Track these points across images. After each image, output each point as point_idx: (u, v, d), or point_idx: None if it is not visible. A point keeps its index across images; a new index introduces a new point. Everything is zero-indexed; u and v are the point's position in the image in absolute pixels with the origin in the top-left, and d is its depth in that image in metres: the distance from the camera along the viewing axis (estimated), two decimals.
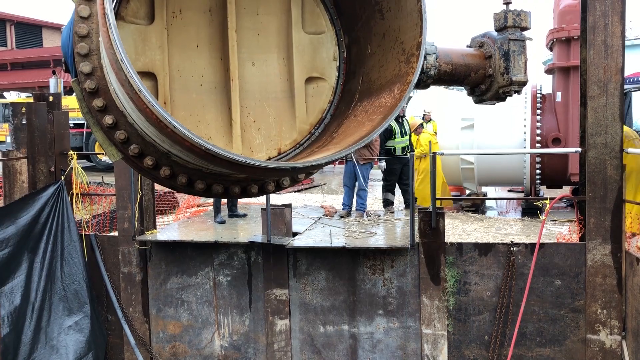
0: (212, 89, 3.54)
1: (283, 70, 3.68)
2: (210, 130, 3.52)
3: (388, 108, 3.19)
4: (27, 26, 41.31)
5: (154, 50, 3.38)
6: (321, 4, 3.75)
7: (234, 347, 8.61)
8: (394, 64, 3.35)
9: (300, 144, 3.70)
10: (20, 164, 9.38)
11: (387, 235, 8.81)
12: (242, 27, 3.56)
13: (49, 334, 8.18)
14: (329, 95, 3.78)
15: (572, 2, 11.79)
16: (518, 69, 3.82)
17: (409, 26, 3.22)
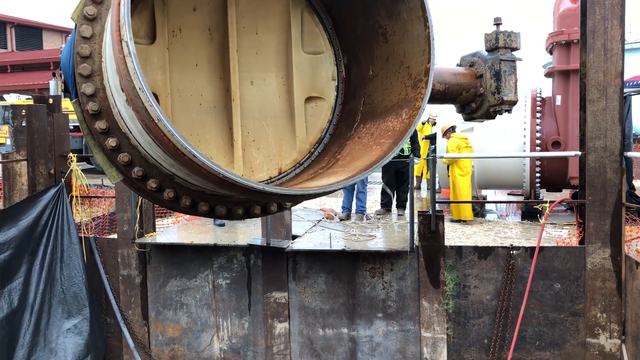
0: (211, 108, 3.53)
1: (282, 90, 3.68)
2: (210, 150, 3.51)
3: (397, 133, 3.19)
4: (27, 28, 41.37)
5: (155, 70, 3.37)
6: (320, 24, 3.75)
7: (233, 350, 8.60)
8: (400, 87, 3.35)
9: (300, 163, 3.70)
10: (20, 166, 9.38)
11: (386, 238, 8.80)
12: (241, 46, 3.55)
13: (47, 336, 8.17)
14: (327, 114, 3.79)
15: (571, 6, 11.81)
16: (509, 88, 3.91)
17: (415, 52, 3.22)
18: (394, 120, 3.32)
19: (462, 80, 3.95)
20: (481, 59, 4.01)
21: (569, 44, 11.75)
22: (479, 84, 3.96)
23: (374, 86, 3.60)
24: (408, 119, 3.20)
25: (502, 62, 3.89)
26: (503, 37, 3.95)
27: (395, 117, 3.33)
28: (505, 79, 3.89)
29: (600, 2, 7.23)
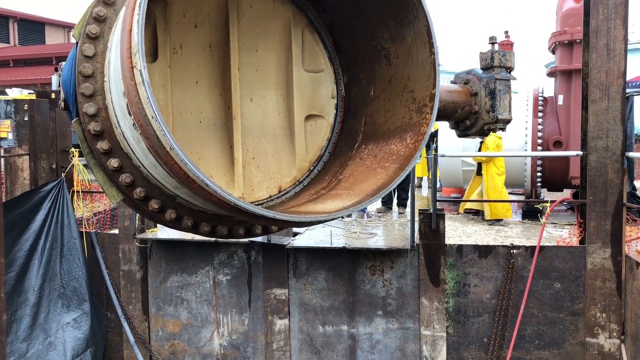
0: (211, 125, 3.51)
1: (282, 107, 3.68)
2: (210, 169, 3.50)
3: (403, 158, 3.19)
4: (30, 23, 41.35)
5: (157, 89, 3.33)
6: (320, 43, 3.74)
7: (233, 346, 8.62)
8: (403, 111, 3.34)
9: (300, 181, 3.70)
10: (22, 160, 9.40)
11: (387, 236, 8.81)
12: (241, 63, 3.53)
13: (47, 330, 8.19)
14: (327, 132, 3.79)
15: (575, 5, 11.79)
16: (503, 107, 3.95)
17: (420, 76, 3.21)
18: (399, 144, 3.31)
19: (457, 98, 3.96)
20: (476, 76, 4.04)
21: (572, 43, 11.74)
22: (473, 102, 3.99)
23: (375, 107, 3.60)
24: (413, 144, 3.19)
25: (497, 81, 3.93)
26: (498, 56, 4.00)
27: (399, 140, 3.32)
28: (500, 97, 3.92)
29: (603, 1, 7.22)
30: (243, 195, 3.51)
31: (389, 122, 3.47)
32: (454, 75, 4.27)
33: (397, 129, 3.37)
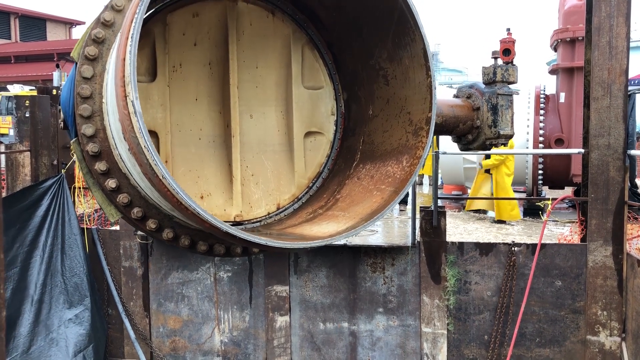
0: (210, 142, 3.52)
1: (281, 124, 3.67)
2: (209, 186, 3.51)
3: (399, 181, 3.18)
4: (31, 19, 41.33)
5: (155, 108, 3.36)
6: (320, 60, 3.73)
7: (234, 342, 8.63)
8: (400, 132, 3.34)
9: (298, 198, 3.70)
10: (23, 156, 9.40)
11: (388, 234, 8.81)
12: (241, 80, 3.54)
13: (49, 326, 8.20)
14: (326, 149, 3.78)
15: (577, 3, 11.76)
16: (505, 122, 3.92)
17: (416, 98, 3.20)
18: (395, 166, 3.30)
19: (459, 113, 3.94)
20: (478, 91, 4.01)
21: (574, 41, 11.71)
22: (475, 117, 3.96)
23: (373, 126, 3.59)
24: (409, 167, 3.18)
25: (499, 96, 3.90)
26: (501, 71, 3.98)
27: (395, 162, 3.31)
28: (502, 112, 3.89)
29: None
30: (241, 212, 3.53)
31: (386, 142, 3.46)
32: (457, 88, 4.24)
33: (394, 150, 3.36)
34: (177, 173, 3.43)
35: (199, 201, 3.45)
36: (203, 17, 3.47)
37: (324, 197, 3.60)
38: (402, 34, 3.09)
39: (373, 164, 3.47)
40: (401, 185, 3.15)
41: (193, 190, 3.48)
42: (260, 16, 3.58)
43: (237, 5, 3.49)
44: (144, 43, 3.31)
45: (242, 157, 3.58)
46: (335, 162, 3.79)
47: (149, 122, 3.32)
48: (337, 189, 3.58)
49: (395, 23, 3.07)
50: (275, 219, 3.65)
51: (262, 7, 3.59)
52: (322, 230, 3.07)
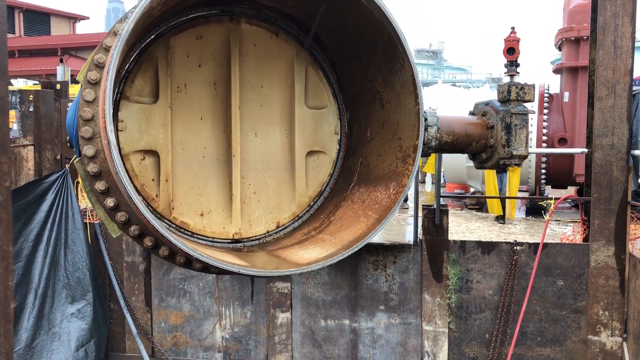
0: (214, 160, 3.56)
1: (285, 142, 3.70)
2: (210, 204, 3.55)
3: (383, 208, 3.19)
4: (35, 14, 41.35)
5: (157, 128, 3.42)
6: (324, 79, 3.75)
7: (235, 338, 8.65)
8: (391, 158, 3.34)
9: (299, 216, 3.72)
10: (27, 151, 9.42)
11: (390, 231, 8.81)
12: (246, 99, 3.57)
13: (51, 320, 8.22)
14: (329, 168, 3.79)
15: (582, 2, 11.73)
16: (519, 142, 3.84)
17: (407, 125, 3.20)
18: (383, 192, 3.31)
19: (472, 131, 3.89)
20: (493, 109, 3.92)
21: (579, 40, 11.68)
22: (489, 135, 3.88)
23: (370, 149, 3.60)
24: (394, 195, 3.19)
25: (514, 115, 3.82)
26: (516, 89, 3.86)
27: (384, 188, 3.32)
28: (515, 132, 3.81)
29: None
30: (240, 230, 3.57)
31: (379, 166, 3.47)
32: (474, 105, 4.19)
33: (385, 175, 3.37)
34: (179, 190, 3.49)
35: (198, 218, 3.49)
36: (207, 39, 3.53)
37: (321, 217, 3.64)
38: (393, 59, 3.11)
39: (366, 187, 3.49)
40: (384, 214, 3.17)
41: (193, 208, 3.54)
42: (264, 37, 3.63)
43: (240, 27, 3.54)
44: (147, 66, 3.40)
45: (246, 174, 3.63)
46: (336, 182, 3.81)
47: (150, 142, 3.40)
48: (333, 210, 3.62)
49: (386, 48, 3.08)
50: (274, 237, 3.70)
51: (266, 28, 3.63)
52: (305, 256, 3.13)
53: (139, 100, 3.42)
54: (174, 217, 3.52)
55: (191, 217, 3.55)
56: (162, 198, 3.48)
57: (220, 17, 3.55)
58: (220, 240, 3.62)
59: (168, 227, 3.47)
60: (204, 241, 3.60)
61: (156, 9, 2.92)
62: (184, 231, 3.56)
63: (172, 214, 3.51)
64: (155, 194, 3.48)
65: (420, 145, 3.14)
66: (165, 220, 3.52)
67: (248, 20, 3.58)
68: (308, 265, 2.95)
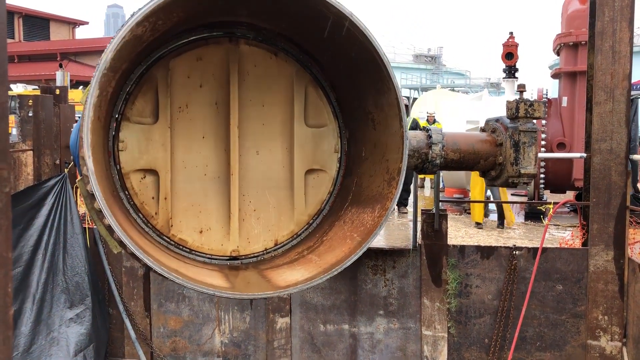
0: (215, 178, 3.61)
1: (286, 160, 3.73)
2: (210, 221, 3.59)
3: (365, 232, 3.20)
4: (34, 19, 41.41)
5: (156, 148, 3.49)
6: (324, 98, 3.77)
7: (234, 343, 8.63)
8: (380, 179, 3.36)
9: (297, 234, 3.74)
10: (26, 156, 9.42)
11: (389, 236, 8.81)
12: (248, 118, 3.62)
13: (49, 325, 8.21)
14: (328, 186, 3.81)
15: (580, 7, 11.76)
16: (528, 160, 3.77)
17: (393, 147, 3.21)
18: (370, 214, 3.32)
19: (479, 148, 3.83)
20: (503, 125, 3.84)
21: (577, 45, 11.71)
22: (498, 153, 3.81)
23: (364, 169, 3.62)
24: (378, 218, 3.19)
25: (522, 133, 3.74)
26: (524, 106, 3.76)
27: (371, 210, 3.32)
28: (524, 150, 3.74)
29: (609, 3, 7.20)
30: (238, 248, 3.60)
31: (369, 187, 3.48)
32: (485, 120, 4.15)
33: (373, 197, 3.38)
34: (179, 208, 3.55)
35: (197, 235, 3.58)
36: (207, 60, 3.59)
37: (316, 236, 3.66)
38: (380, 81, 3.13)
39: (357, 208, 3.51)
40: (366, 237, 3.17)
41: (193, 225, 3.59)
42: (264, 57, 3.67)
43: (239, 48, 3.58)
44: (148, 88, 3.47)
45: (246, 192, 3.68)
46: (335, 200, 3.82)
47: (150, 161, 3.48)
48: (327, 229, 3.64)
49: (373, 70, 3.10)
50: (272, 254, 3.72)
51: (265, 49, 3.68)
52: (287, 278, 3.17)
53: (140, 120, 3.49)
54: (173, 234, 3.57)
55: (190, 234, 3.60)
56: (161, 215, 3.54)
57: (219, 39, 3.60)
58: (218, 257, 3.66)
59: (167, 244, 3.53)
60: (202, 258, 3.63)
61: (144, 36, 2.96)
62: (183, 248, 3.60)
63: (171, 231, 3.57)
64: (154, 211, 3.54)
65: (403, 168, 3.13)
66: (164, 237, 3.57)
67: (247, 41, 3.63)
68: (286, 288, 3.01)
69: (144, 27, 2.86)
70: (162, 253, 3.23)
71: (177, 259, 3.40)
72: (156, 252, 3.15)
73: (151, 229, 3.53)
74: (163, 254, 3.21)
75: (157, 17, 2.90)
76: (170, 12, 2.95)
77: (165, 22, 3.03)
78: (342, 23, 2.90)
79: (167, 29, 3.18)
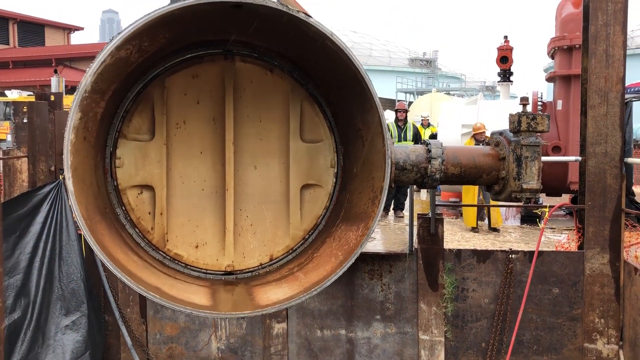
0: (213, 193, 3.64)
1: (283, 175, 3.74)
2: (206, 236, 3.62)
3: (348, 251, 3.20)
4: (29, 25, 41.37)
5: (152, 164, 3.54)
6: (320, 114, 3.78)
7: (231, 349, 8.60)
8: (366, 197, 3.35)
9: (293, 249, 3.74)
10: (21, 162, 9.39)
11: (385, 241, 8.81)
12: (246, 133, 3.65)
13: (46, 333, 8.17)
14: (324, 201, 3.81)
15: (574, 11, 11.81)
16: (530, 175, 3.66)
17: (379, 165, 3.21)
18: (354, 232, 3.30)
19: (481, 163, 3.75)
20: (506, 139, 3.76)
21: (571, 49, 11.75)
22: (501, 167, 3.72)
23: (355, 185, 3.62)
24: (360, 237, 3.18)
25: (524, 147, 3.64)
26: (526, 119, 3.66)
27: (356, 229, 3.31)
28: (526, 165, 3.65)
29: (602, 8, 7.24)
30: (233, 263, 3.62)
31: (358, 205, 3.48)
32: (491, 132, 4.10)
33: (360, 215, 3.37)
34: (176, 223, 3.61)
35: (193, 250, 3.59)
36: (203, 77, 3.63)
37: (309, 252, 3.67)
38: (365, 100, 3.13)
39: (346, 225, 3.50)
40: (347, 256, 3.16)
41: (189, 240, 3.62)
42: (259, 74, 3.71)
43: (234, 65, 3.61)
44: (144, 105, 3.52)
45: (244, 206, 3.70)
46: (330, 216, 3.82)
47: (146, 177, 3.52)
48: (319, 246, 3.65)
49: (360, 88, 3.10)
50: (268, 269, 3.72)
51: (261, 65, 3.70)
52: (271, 297, 3.19)
53: (137, 137, 3.54)
54: (168, 249, 3.60)
55: (185, 249, 3.62)
56: (157, 231, 3.57)
57: (214, 57, 3.62)
58: (214, 272, 3.66)
59: (163, 259, 3.56)
60: (197, 272, 3.64)
61: (131, 58, 2.97)
62: (178, 262, 3.61)
63: (167, 245, 3.58)
64: (150, 226, 3.58)
65: (385, 187, 3.11)
66: (160, 252, 3.59)
67: (242, 58, 3.65)
68: (265, 307, 3.03)
69: (128, 50, 2.88)
70: (148, 270, 3.24)
71: (168, 275, 3.41)
72: (140, 269, 3.16)
73: (147, 243, 3.55)
74: (149, 271, 3.23)
75: (141, 40, 2.91)
76: (154, 35, 2.95)
77: (152, 44, 3.04)
78: (325, 42, 2.91)
79: (158, 49, 3.19)
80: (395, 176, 3.67)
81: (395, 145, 3.78)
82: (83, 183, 2.98)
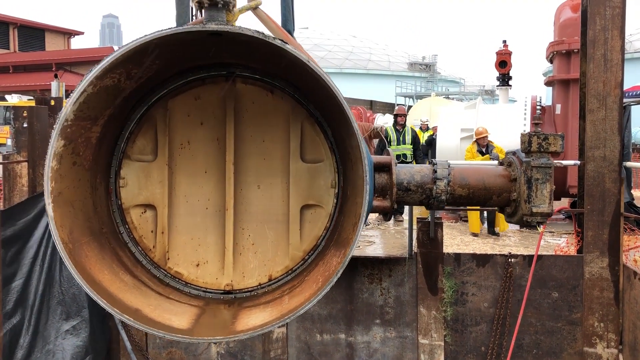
0: (217, 212, 3.68)
1: (285, 194, 3.76)
2: (208, 254, 3.65)
3: (327, 277, 3.18)
4: (30, 29, 41.46)
5: (154, 184, 3.59)
6: (321, 134, 3.80)
7: (231, 354, 8.60)
8: (351, 222, 3.33)
9: (292, 270, 3.74)
10: (21, 167, 9.41)
11: (385, 245, 8.82)
12: (249, 153, 3.68)
13: (46, 337, 8.17)
14: (325, 222, 3.81)
15: (572, 15, 11.86)
16: (541, 199, 3.48)
17: (360, 190, 3.20)
18: (337, 258, 3.27)
19: (491, 184, 3.62)
20: (518, 159, 3.60)
21: (570, 53, 11.80)
22: (512, 189, 3.57)
23: (347, 208, 3.61)
24: (338, 265, 3.16)
25: (534, 169, 3.47)
26: (537, 140, 3.48)
27: (339, 254, 3.28)
28: (537, 187, 3.47)
29: (600, 12, 7.28)
30: (232, 282, 3.64)
31: (346, 229, 3.44)
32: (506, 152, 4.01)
33: (344, 240, 3.34)
34: (179, 241, 3.64)
35: (193, 269, 3.63)
36: (205, 99, 3.65)
37: (303, 274, 3.66)
38: (346, 123, 3.12)
39: (335, 249, 3.48)
40: (324, 283, 3.14)
41: (190, 258, 3.66)
42: (260, 95, 3.73)
43: (235, 87, 3.65)
44: (148, 127, 3.58)
45: (246, 226, 3.72)
46: (329, 237, 3.82)
47: (149, 197, 3.59)
48: (312, 269, 3.64)
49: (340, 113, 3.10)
50: (266, 289, 3.73)
51: (261, 86, 3.74)
52: (249, 322, 3.21)
53: (140, 158, 3.61)
54: (169, 267, 3.64)
55: (186, 267, 3.65)
56: (158, 249, 3.62)
57: (215, 79, 3.66)
58: (213, 290, 3.68)
59: (163, 277, 3.61)
60: (197, 291, 3.67)
61: (121, 85, 3.00)
62: (178, 280, 3.64)
63: (168, 264, 3.62)
64: (152, 245, 3.61)
65: (362, 214, 3.06)
66: (161, 270, 3.62)
67: (244, 80, 3.69)
68: (239, 333, 3.06)
69: (113, 78, 2.90)
70: (137, 290, 3.29)
71: (160, 294, 3.45)
72: (126, 290, 3.19)
73: (149, 261, 3.60)
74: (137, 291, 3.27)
75: (127, 68, 2.93)
76: (140, 62, 2.96)
77: (143, 70, 3.07)
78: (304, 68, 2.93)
79: (154, 74, 3.22)
80: (399, 197, 3.60)
81: (399, 165, 3.77)
82: (71, 206, 3.00)
